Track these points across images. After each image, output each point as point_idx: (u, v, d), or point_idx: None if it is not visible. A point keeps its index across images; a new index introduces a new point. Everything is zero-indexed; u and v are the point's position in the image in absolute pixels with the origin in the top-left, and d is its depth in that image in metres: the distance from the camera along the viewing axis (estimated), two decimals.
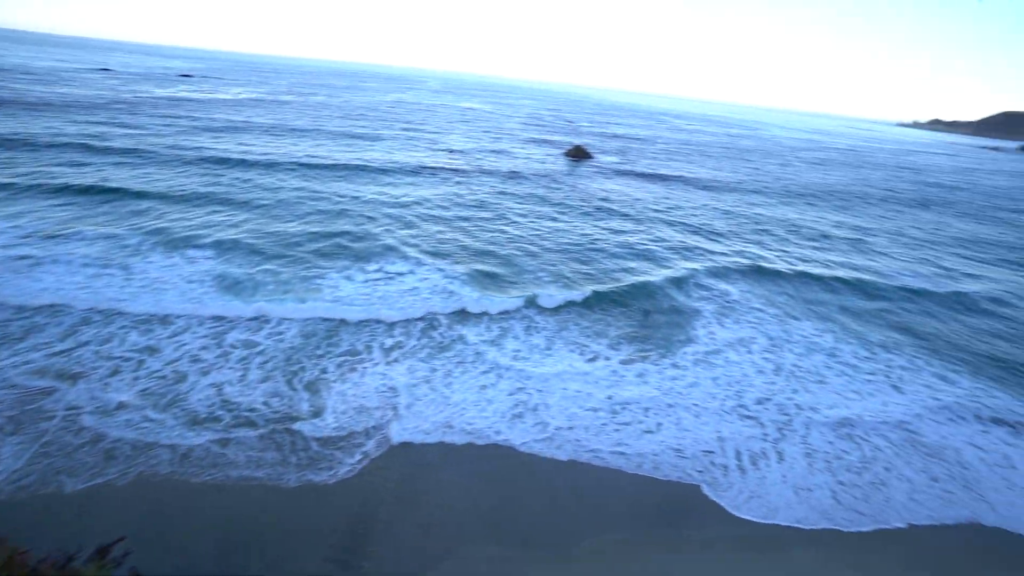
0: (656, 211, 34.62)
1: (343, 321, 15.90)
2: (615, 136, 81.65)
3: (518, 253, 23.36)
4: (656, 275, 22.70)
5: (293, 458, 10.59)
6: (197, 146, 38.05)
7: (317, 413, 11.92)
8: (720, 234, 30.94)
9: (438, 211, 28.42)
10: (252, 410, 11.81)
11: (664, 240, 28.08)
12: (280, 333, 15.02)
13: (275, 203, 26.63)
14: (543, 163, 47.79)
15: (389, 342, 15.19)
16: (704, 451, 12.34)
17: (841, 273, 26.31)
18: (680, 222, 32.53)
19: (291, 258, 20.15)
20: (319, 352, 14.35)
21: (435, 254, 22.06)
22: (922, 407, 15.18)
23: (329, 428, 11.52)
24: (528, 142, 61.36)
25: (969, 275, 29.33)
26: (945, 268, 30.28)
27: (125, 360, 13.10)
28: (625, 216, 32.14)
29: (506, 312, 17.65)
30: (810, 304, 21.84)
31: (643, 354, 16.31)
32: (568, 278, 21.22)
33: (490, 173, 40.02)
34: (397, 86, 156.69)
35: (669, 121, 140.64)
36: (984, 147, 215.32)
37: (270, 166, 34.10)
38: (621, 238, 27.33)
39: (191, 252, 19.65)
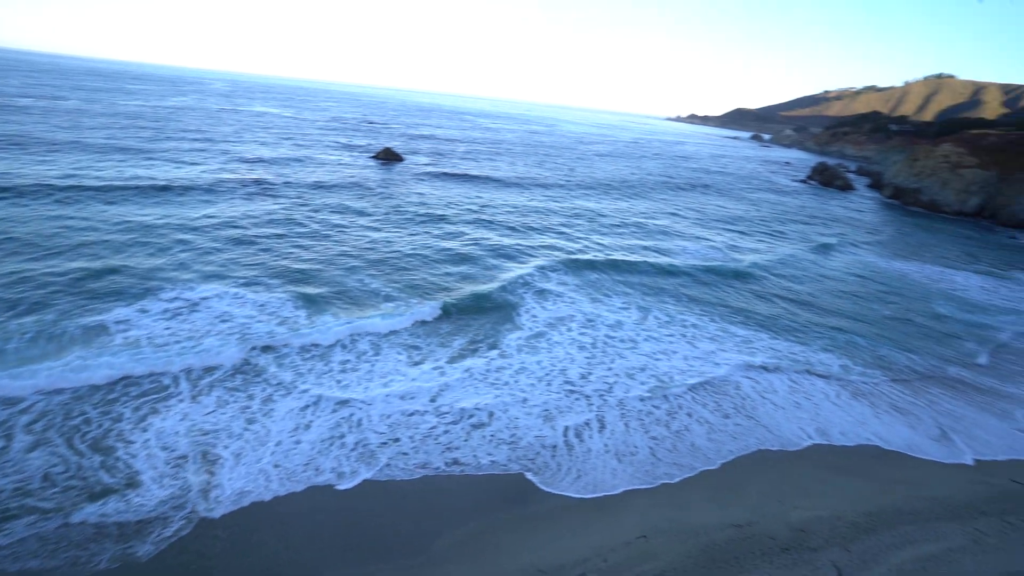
0: (472, 212, 35.90)
1: (126, 378, 13.36)
2: (424, 137, 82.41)
3: (339, 271, 22.33)
4: (482, 276, 23.89)
5: (92, 546, 9.07)
6: None
7: (119, 482, 10.33)
8: (534, 229, 33.33)
9: (242, 231, 25.45)
10: (22, 492, 9.78)
11: (483, 241, 29.14)
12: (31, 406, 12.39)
13: (25, 238, 21.69)
14: (354, 169, 46.36)
15: (191, 387, 13.43)
16: (536, 436, 13.19)
17: (639, 255, 30.43)
18: (496, 221, 33.96)
19: (51, 307, 16.30)
20: (111, 397, 12.43)
21: (246, 282, 19.71)
22: (709, 355, 18.39)
23: (135, 498, 9.99)
24: (335, 147, 58.89)
25: (735, 247, 36.03)
26: (719, 243, 36.75)
27: None
28: (444, 219, 32.64)
29: (329, 336, 16.93)
30: (616, 284, 24.86)
31: (472, 347, 17.11)
32: (394, 290, 21.17)
33: (298, 184, 37.32)
34: (175, 88, 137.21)
35: (474, 120, 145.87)
36: (727, 136, 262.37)
37: (8, 190, 27.58)
38: (443, 244, 27.63)
39: None
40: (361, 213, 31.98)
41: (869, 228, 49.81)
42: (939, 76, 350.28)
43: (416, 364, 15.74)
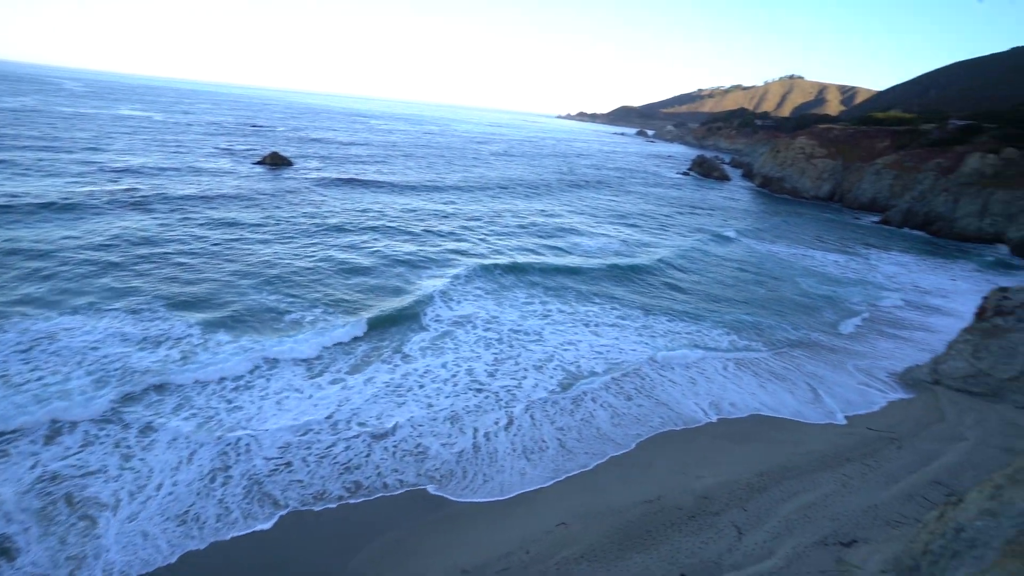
0: (371, 219, 34.74)
1: None
2: (314, 140, 78.83)
3: (231, 291, 20.65)
4: (385, 286, 23.39)
5: None
6: None
7: None
8: (435, 233, 32.88)
9: (113, 253, 22.60)
10: None
11: (384, 250, 28.12)
12: None
13: None
14: (239, 177, 43.04)
15: (48, 432, 11.90)
16: (444, 443, 12.84)
17: (541, 254, 31.24)
18: (396, 228, 32.91)
19: None
20: None
21: (123, 310, 17.66)
22: (613, 343, 19.30)
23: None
24: (216, 153, 54.60)
25: (631, 240, 38.01)
26: (616, 237, 38.54)
27: None
28: (341, 229, 31.04)
29: (222, 365, 15.81)
30: (520, 283, 25.36)
31: (375, 354, 16.70)
32: (295, 308, 20.14)
33: (175, 196, 33.84)
34: (12, 88, 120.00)
35: (365, 122, 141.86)
36: (615, 132, 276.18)
37: None
38: (342, 255, 26.12)
39: None
40: (250, 225, 29.55)
41: (745, 215, 54.82)
42: (791, 77, 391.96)
43: (314, 378, 15.02)
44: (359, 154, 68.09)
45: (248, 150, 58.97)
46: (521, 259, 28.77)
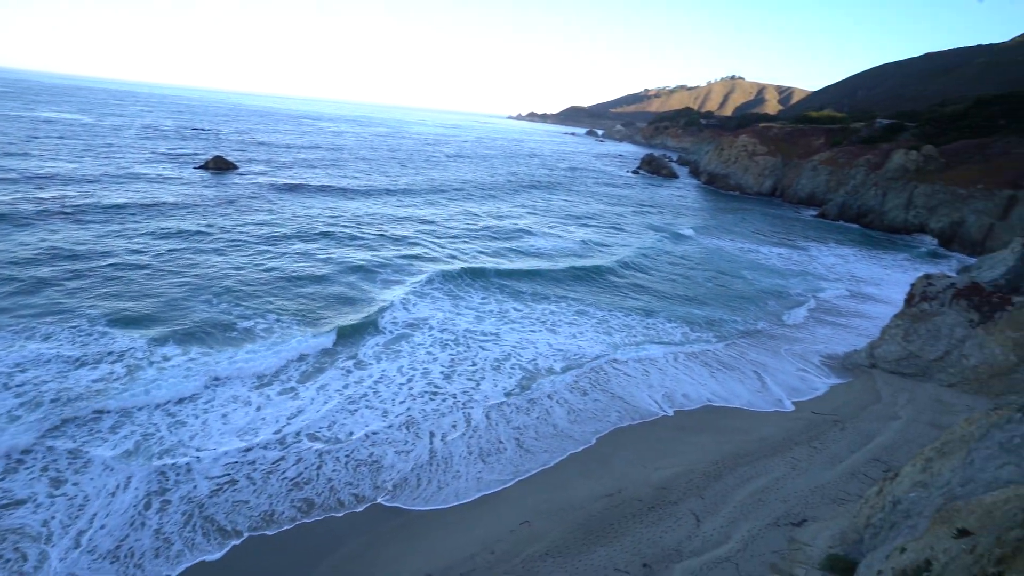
0: (323, 224, 33.61)
1: None
2: (260, 144, 76.29)
3: (176, 308, 19.68)
4: (341, 296, 22.90)
5: None
6: None
7: None
8: (389, 239, 31.99)
9: (42, 268, 21.11)
10: None
11: (338, 258, 27.22)
12: None
13: None
14: (182, 183, 41.05)
15: None
16: (399, 451, 12.60)
17: (500, 255, 31.30)
18: (349, 234, 31.55)
19: None
20: None
21: (65, 328, 16.64)
22: (570, 339, 19.54)
23: None
24: (155, 158, 51.88)
25: (586, 239, 38.55)
26: (571, 237, 39.02)
27: None
28: (292, 237, 29.41)
29: (173, 385, 15.17)
30: (478, 287, 25.32)
31: (328, 361, 16.36)
32: (248, 322, 19.47)
33: (113, 206, 31.44)
34: None
35: (313, 124, 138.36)
36: (565, 132, 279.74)
37: None
38: (294, 264, 24.88)
39: None
40: (194, 234, 27.95)
41: (694, 212, 56.56)
42: (733, 77, 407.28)
43: (262, 388, 14.53)
44: (308, 157, 66.21)
45: (190, 154, 56.47)
46: (477, 263, 28.59)
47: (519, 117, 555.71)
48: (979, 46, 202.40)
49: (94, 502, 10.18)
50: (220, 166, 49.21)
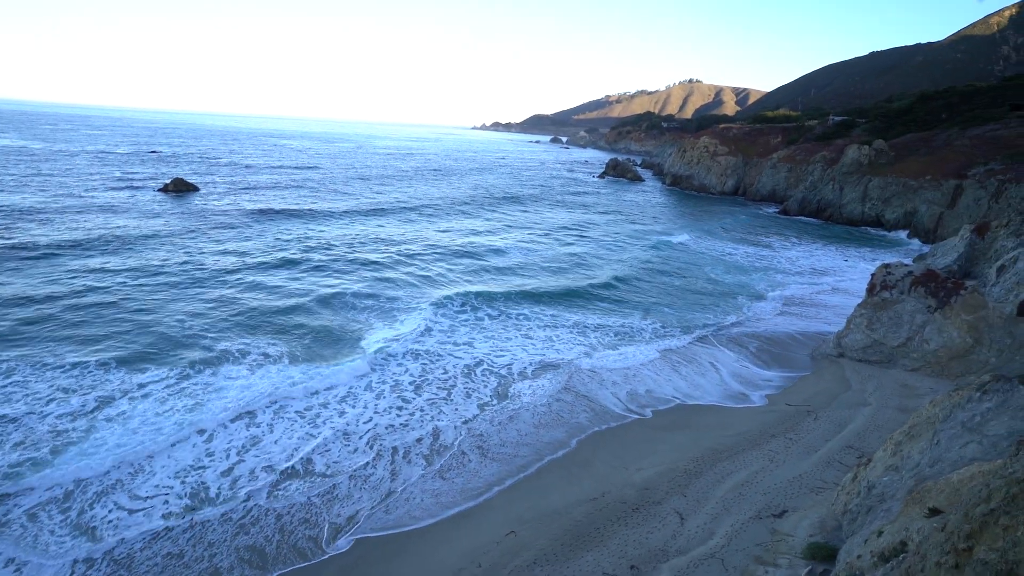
0: (297, 248, 32.91)
1: None
2: (222, 164, 74.78)
3: (138, 344, 19.07)
4: (312, 326, 22.51)
5: None
6: None
7: None
8: (369, 264, 30.30)
9: None
10: None
11: (310, 284, 26.13)
12: None
13: None
14: (135, 216, 39.37)
15: None
16: (361, 476, 12.44)
17: (477, 271, 31.24)
18: (322, 261, 29.15)
19: None
20: None
21: (9, 376, 16.16)
22: (544, 344, 19.60)
23: None
24: (111, 185, 50.01)
25: (565, 247, 38.81)
26: (552, 250, 39.19)
27: None
28: (258, 265, 27.33)
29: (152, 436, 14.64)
30: (456, 302, 25.22)
31: (294, 383, 16.07)
32: (225, 361, 18.95)
33: (63, 241, 29.26)
34: None
35: (275, 142, 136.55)
36: (530, 141, 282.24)
37: None
38: (261, 293, 23.46)
39: None
40: (154, 266, 25.83)
41: (661, 214, 57.58)
42: (691, 81, 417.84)
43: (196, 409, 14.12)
44: (273, 178, 64.75)
45: (148, 177, 54.97)
46: (458, 288, 27.59)
47: (483, 127, 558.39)
48: (918, 45, 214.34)
49: None
50: (181, 188, 48.05)
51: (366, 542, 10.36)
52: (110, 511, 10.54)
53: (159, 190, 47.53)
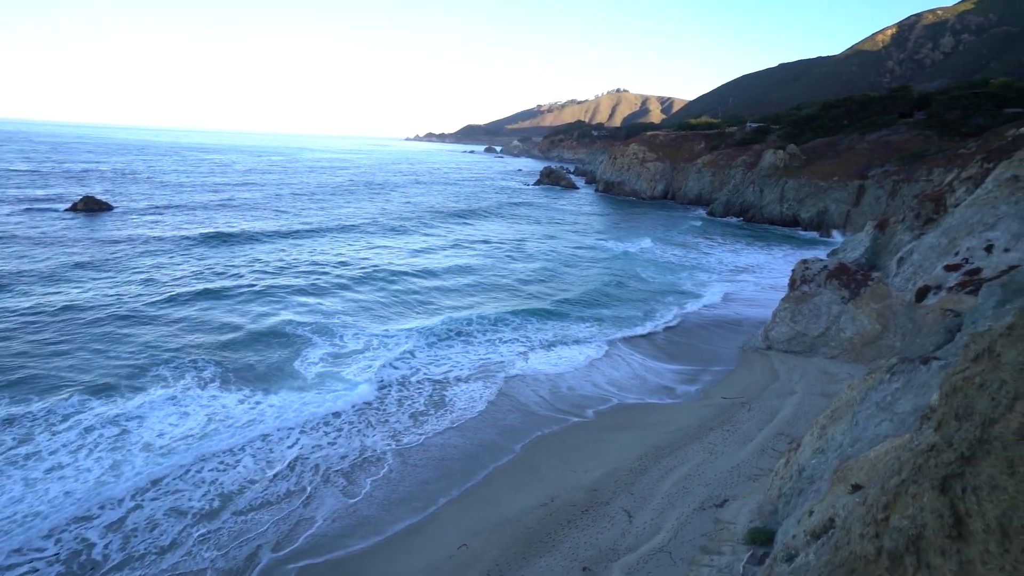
0: (225, 273, 31.66)
1: None
2: (138, 180, 70.15)
3: (40, 383, 17.71)
4: (266, 370, 21.44)
5: None
6: None
7: None
8: (306, 291, 30.27)
9: None
10: None
11: (255, 319, 24.17)
12: None
13: None
14: (50, 233, 36.70)
15: None
16: (286, 500, 12.51)
17: (412, 288, 30.81)
18: (256, 289, 26.06)
19: None
20: None
21: None
22: (484, 349, 19.61)
23: None
24: (8, 208, 45.88)
25: (502, 257, 38.89)
26: (477, 254, 39.19)
27: None
28: (175, 297, 23.95)
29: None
30: (404, 333, 24.75)
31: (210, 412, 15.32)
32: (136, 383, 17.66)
33: None
34: None
35: (198, 156, 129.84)
36: (465, 151, 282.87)
37: None
38: (180, 324, 21.55)
39: None
40: (70, 307, 22.00)
41: (595, 219, 59.13)
42: (619, 90, 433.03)
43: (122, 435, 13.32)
44: (196, 196, 60.05)
45: (56, 196, 50.73)
46: (400, 316, 25.02)
47: (417, 138, 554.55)
48: (819, 58, 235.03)
49: None
50: (92, 207, 44.72)
51: (312, 570, 9.94)
52: None
53: (67, 210, 44.03)
